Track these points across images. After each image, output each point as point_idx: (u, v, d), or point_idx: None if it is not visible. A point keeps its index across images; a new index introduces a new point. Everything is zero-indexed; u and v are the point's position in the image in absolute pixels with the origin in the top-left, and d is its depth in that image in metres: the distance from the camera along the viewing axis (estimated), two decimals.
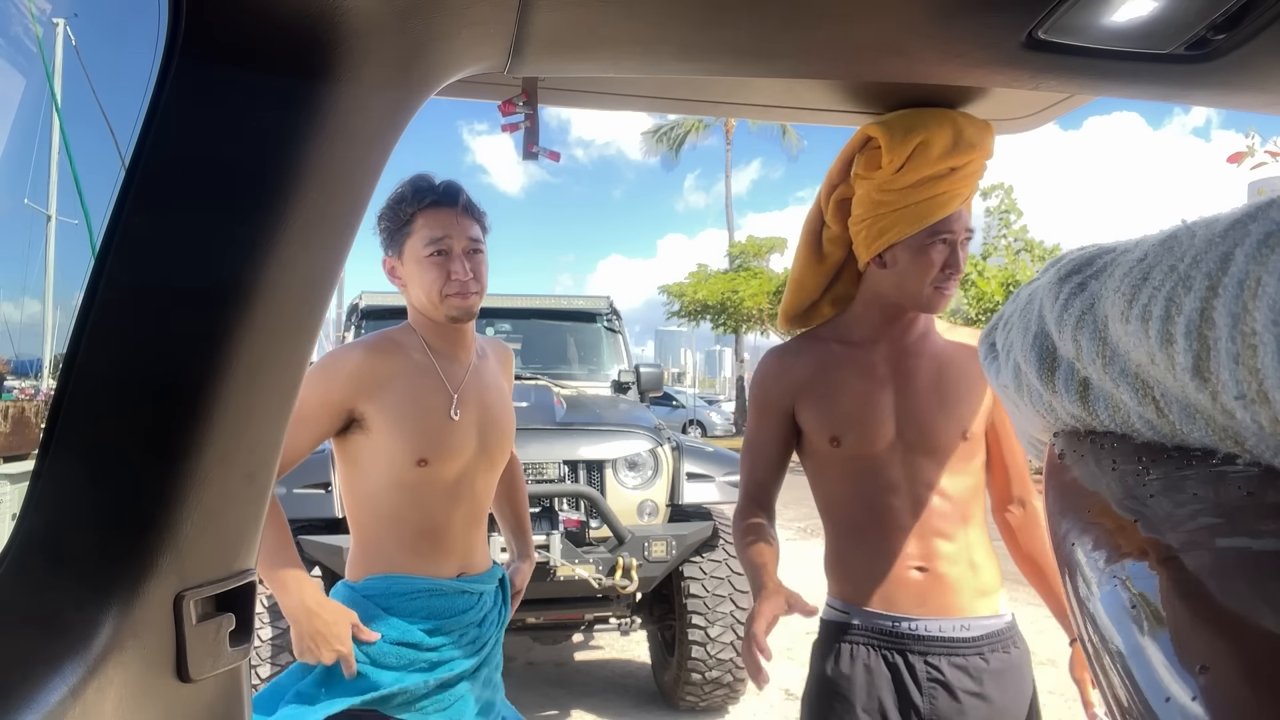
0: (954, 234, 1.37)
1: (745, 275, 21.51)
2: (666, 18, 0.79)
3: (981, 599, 1.41)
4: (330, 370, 1.45)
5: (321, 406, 1.42)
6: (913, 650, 1.38)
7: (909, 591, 1.40)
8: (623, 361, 5.05)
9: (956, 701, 1.36)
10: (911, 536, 1.41)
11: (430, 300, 1.48)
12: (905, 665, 1.38)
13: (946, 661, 1.37)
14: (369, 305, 4.84)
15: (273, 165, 0.67)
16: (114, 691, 0.64)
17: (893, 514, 1.42)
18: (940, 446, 1.42)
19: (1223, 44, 0.82)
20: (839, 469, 1.45)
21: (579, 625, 3.72)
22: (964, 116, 1.34)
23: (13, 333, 5.29)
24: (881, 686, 1.39)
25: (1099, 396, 0.34)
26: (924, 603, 1.39)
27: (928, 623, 1.39)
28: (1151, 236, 0.32)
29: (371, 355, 1.47)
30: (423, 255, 1.45)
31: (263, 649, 2.96)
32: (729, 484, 3.63)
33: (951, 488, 1.42)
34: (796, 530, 8.92)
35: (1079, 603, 0.33)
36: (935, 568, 1.40)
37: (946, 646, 1.38)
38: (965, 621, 1.39)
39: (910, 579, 1.40)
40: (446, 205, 1.46)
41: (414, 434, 1.46)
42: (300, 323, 0.74)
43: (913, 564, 1.40)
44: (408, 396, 1.47)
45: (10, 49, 1.43)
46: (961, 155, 1.33)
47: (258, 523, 0.80)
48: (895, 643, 1.40)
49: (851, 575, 1.46)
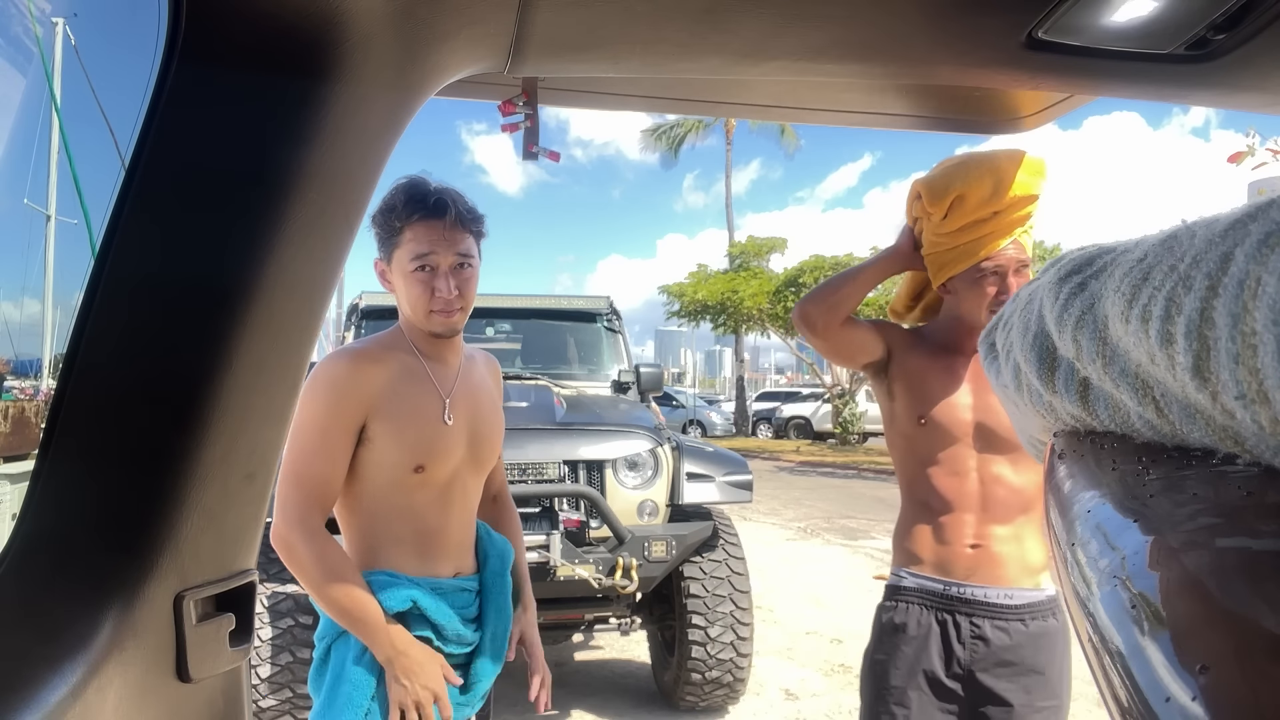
0: (1004, 266, 1.58)
1: (745, 275, 21.51)
2: (666, 18, 0.79)
3: (1027, 575, 1.60)
4: (339, 391, 1.43)
5: (342, 425, 1.43)
6: (960, 611, 1.60)
7: (961, 563, 1.61)
8: (623, 361, 5.05)
9: (995, 656, 1.57)
10: (970, 517, 1.62)
11: (415, 315, 1.48)
12: (953, 623, 1.61)
13: (989, 623, 1.59)
14: (369, 305, 4.83)
15: (272, 165, 0.67)
16: (114, 691, 0.64)
17: (958, 496, 1.63)
18: (1008, 445, 1.61)
19: (1223, 44, 0.82)
20: (920, 451, 1.68)
21: (579, 625, 3.72)
22: (1008, 159, 1.54)
23: (13, 333, 5.28)
24: (930, 639, 1.62)
25: (1099, 396, 0.34)
26: (973, 573, 1.60)
27: (974, 589, 1.60)
28: (1151, 236, 0.32)
29: (372, 368, 1.46)
30: (409, 270, 1.45)
31: (263, 649, 2.96)
32: (729, 484, 3.63)
33: (1014, 481, 1.62)
34: (797, 530, 8.92)
35: (1079, 602, 0.33)
36: (988, 545, 1.60)
37: (990, 610, 1.59)
38: (1009, 591, 1.59)
39: (964, 553, 1.61)
40: (435, 218, 1.44)
41: (413, 442, 1.47)
42: (300, 323, 0.74)
43: (968, 541, 1.61)
44: (405, 405, 1.47)
45: (10, 49, 1.43)
46: (1001, 201, 1.53)
47: (258, 522, 0.79)
48: (944, 604, 1.62)
49: (916, 545, 1.68)
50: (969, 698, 1.60)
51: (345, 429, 1.43)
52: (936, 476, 1.66)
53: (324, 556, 1.38)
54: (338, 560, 1.40)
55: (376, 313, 4.79)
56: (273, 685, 3.00)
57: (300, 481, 1.39)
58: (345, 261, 0.80)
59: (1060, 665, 1.60)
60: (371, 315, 4.79)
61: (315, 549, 1.37)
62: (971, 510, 1.62)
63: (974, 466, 1.63)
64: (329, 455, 1.41)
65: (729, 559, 3.61)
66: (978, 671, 1.58)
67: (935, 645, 1.61)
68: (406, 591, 1.44)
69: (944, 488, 1.65)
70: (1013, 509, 1.61)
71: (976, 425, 1.63)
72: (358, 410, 1.43)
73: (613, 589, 3.22)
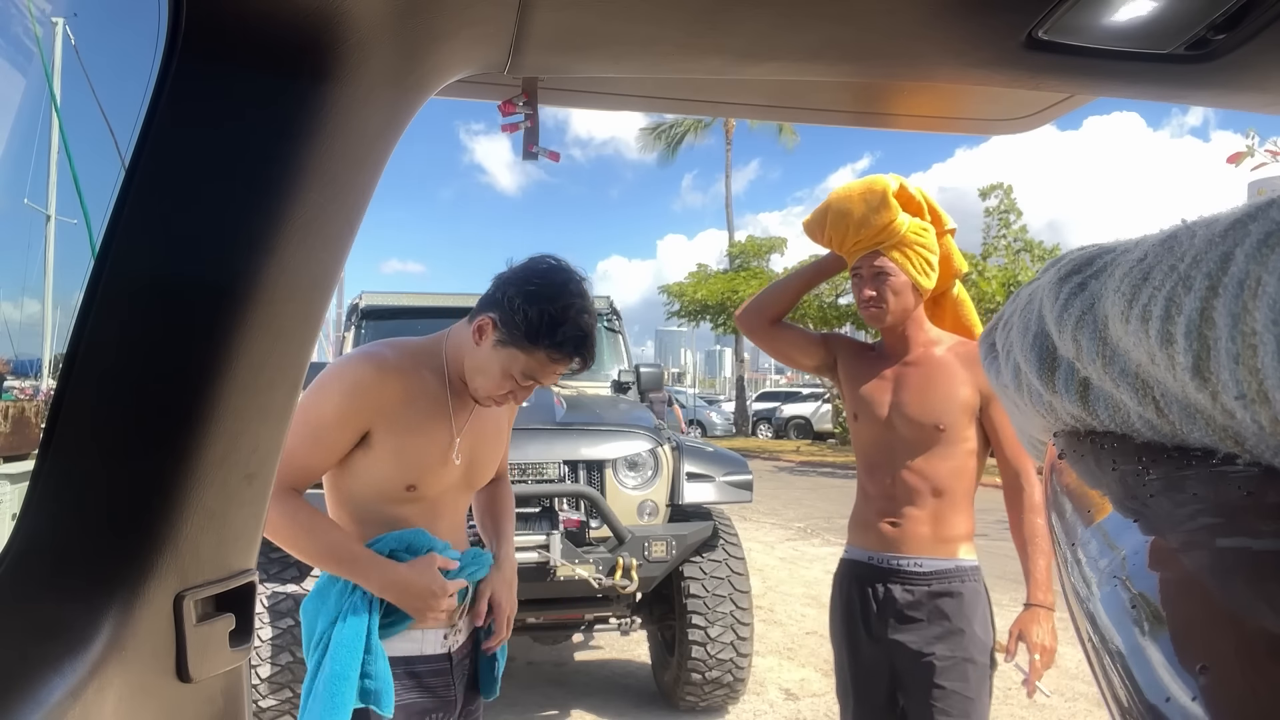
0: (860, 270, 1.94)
1: (745, 275, 21.51)
2: (666, 18, 0.79)
3: (939, 545, 1.87)
4: (356, 397, 1.43)
5: (345, 429, 1.43)
6: (876, 578, 1.91)
7: (882, 537, 1.92)
8: (623, 361, 5.05)
9: (903, 615, 1.86)
10: (888, 499, 1.92)
11: (477, 389, 1.48)
12: (871, 588, 1.92)
13: (900, 587, 1.88)
14: (369, 305, 4.83)
15: (272, 165, 0.67)
16: (114, 691, 0.64)
17: (878, 482, 1.94)
18: (920, 438, 1.89)
19: (1223, 44, 0.82)
20: (856, 443, 2.01)
21: (579, 625, 3.72)
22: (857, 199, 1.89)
23: (12, 333, 5.27)
24: (855, 601, 1.94)
25: (1099, 396, 0.34)
26: (889, 545, 1.91)
27: (890, 558, 1.90)
28: (1151, 236, 0.32)
29: (396, 380, 1.45)
30: (511, 372, 1.45)
31: (263, 649, 2.96)
32: (729, 484, 3.63)
33: (925, 468, 1.89)
34: (796, 530, 8.92)
35: (1078, 602, 0.33)
36: (903, 523, 1.89)
37: (901, 577, 1.89)
38: (919, 560, 1.88)
39: (883, 529, 1.92)
40: (570, 362, 1.45)
41: (410, 465, 1.47)
42: (300, 323, 0.74)
43: (888, 519, 1.91)
44: (413, 428, 1.47)
45: (10, 49, 1.43)
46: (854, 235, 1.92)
47: (258, 522, 0.80)
48: (866, 572, 1.94)
49: (851, 524, 2.02)
50: (886, 650, 1.88)
51: (344, 430, 1.43)
52: (863, 465, 1.99)
53: (296, 514, 1.39)
54: (309, 515, 1.40)
55: (376, 313, 4.79)
56: (273, 685, 3.00)
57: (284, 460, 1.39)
58: (345, 261, 0.80)
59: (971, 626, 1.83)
60: (371, 315, 4.79)
61: (286, 509, 1.38)
62: (887, 494, 1.92)
63: (890, 456, 1.92)
64: (316, 447, 1.42)
65: (729, 559, 3.61)
66: (890, 628, 1.87)
67: (856, 607, 1.93)
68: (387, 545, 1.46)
69: (868, 475, 1.98)
70: (923, 492, 1.88)
71: (889, 420, 1.92)
72: (367, 418, 1.43)
73: (613, 589, 3.22)
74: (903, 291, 1.89)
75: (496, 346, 1.44)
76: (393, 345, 1.53)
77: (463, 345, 1.50)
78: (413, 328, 4.52)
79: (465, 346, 1.49)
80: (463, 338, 1.50)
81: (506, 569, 1.66)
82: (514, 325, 1.42)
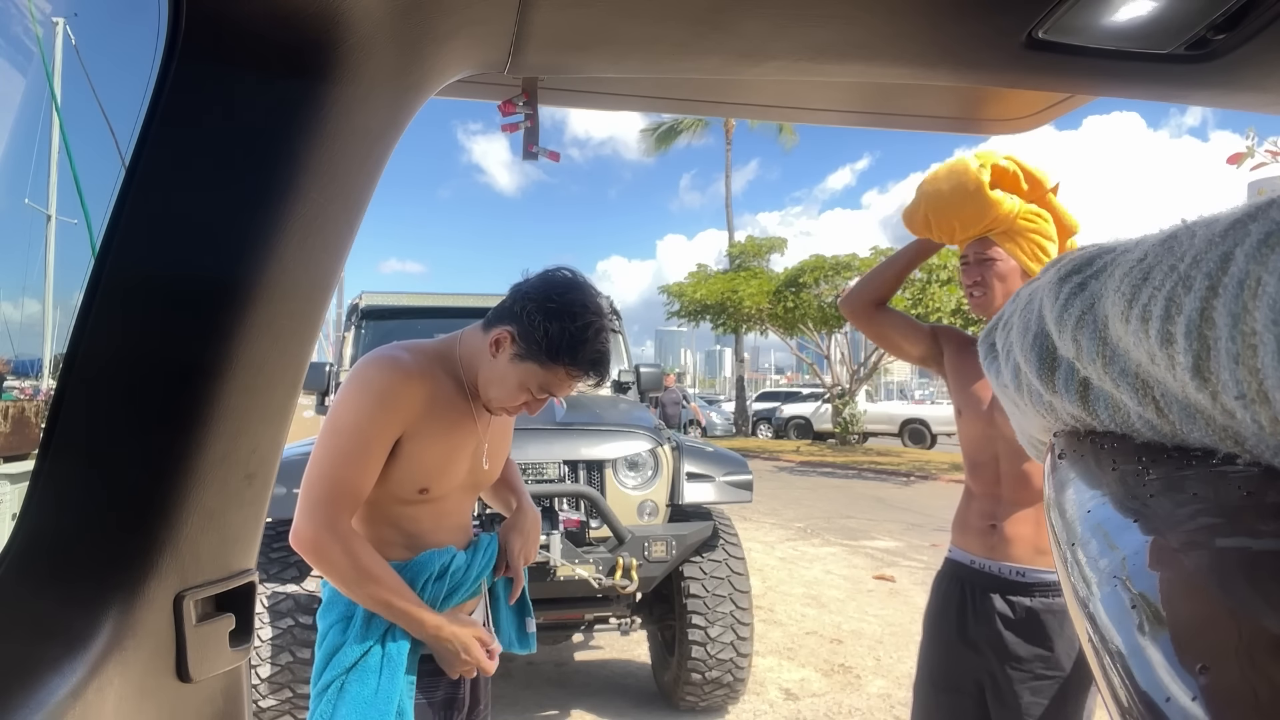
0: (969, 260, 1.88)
1: (745, 275, 21.50)
2: (666, 18, 0.79)
3: (1042, 556, 1.75)
4: (389, 404, 1.41)
5: (387, 439, 1.42)
6: (977, 583, 1.81)
7: (984, 541, 1.82)
8: (623, 361, 5.05)
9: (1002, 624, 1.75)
10: (991, 500, 1.82)
11: (490, 398, 1.49)
12: (971, 593, 1.82)
13: (999, 596, 1.77)
14: (369, 305, 4.83)
15: (273, 165, 0.67)
16: (114, 692, 0.64)
17: (981, 481, 1.85)
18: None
19: (1223, 44, 0.82)
20: (962, 439, 1.91)
21: (579, 625, 3.72)
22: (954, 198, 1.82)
23: (13, 333, 5.27)
24: (954, 602, 1.85)
25: (1099, 396, 0.34)
26: (991, 550, 1.80)
27: (990, 564, 1.80)
28: (1151, 236, 0.32)
29: (421, 386, 1.44)
30: (528, 384, 1.45)
31: (263, 649, 2.96)
32: (729, 484, 3.63)
33: (1029, 469, 1.77)
34: (796, 530, 8.92)
35: (1079, 602, 0.33)
36: (1004, 526, 1.79)
37: (1001, 584, 1.77)
38: (1021, 569, 1.76)
39: (985, 531, 1.82)
40: (585, 377, 1.46)
41: (431, 469, 1.47)
42: (300, 323, 0.74)
43: (989, 521, 1.81)
44: (439, 434, 1.46)
45: (10, 49, 1.43)
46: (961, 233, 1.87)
47: (258, 522, 0.79)
48: (970, 574, 1.83)
49: (954, 523, 1.93)
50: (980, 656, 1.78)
51: (386, 442, 1.42)
52: (968, 464, 1.89)
53: (358, 557, 1.38)
54: (370, 559, 1.40)
55: (376, 313, 4.79)
56: (273, 685, 3.00)
57: (334, 484, 1.37)
58: (345, 261, 0.80)
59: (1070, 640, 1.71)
60: (371, 315, 4.79)
61: (349, 551, 1.37)
62: (990, 494, 1.82)
63: (993, 456, 1.82)
64: (366, 463, 1.40)
65: (729, 559, 3.61)
66: (987, 635, 1.76)
67: (954, 612, 1.83)
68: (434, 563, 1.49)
69: (971, 474, 1.88)
70: (1026, 496, 1.77)
71: (991, 417, 1.81)
72: (400, 425, 1.42)
73: (613, 589, 3.22)
74: (1009, 277, 1.81)
75: (514, 360, 1.44)
76: (408, 348, 1.51)
77: (477, 354, 1.49)
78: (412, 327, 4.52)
79: (480, 356, 1.49)
80: (476, 346, 1.50)
81: (521, 518, 1.70)
82: (533, 341, 1.41)
